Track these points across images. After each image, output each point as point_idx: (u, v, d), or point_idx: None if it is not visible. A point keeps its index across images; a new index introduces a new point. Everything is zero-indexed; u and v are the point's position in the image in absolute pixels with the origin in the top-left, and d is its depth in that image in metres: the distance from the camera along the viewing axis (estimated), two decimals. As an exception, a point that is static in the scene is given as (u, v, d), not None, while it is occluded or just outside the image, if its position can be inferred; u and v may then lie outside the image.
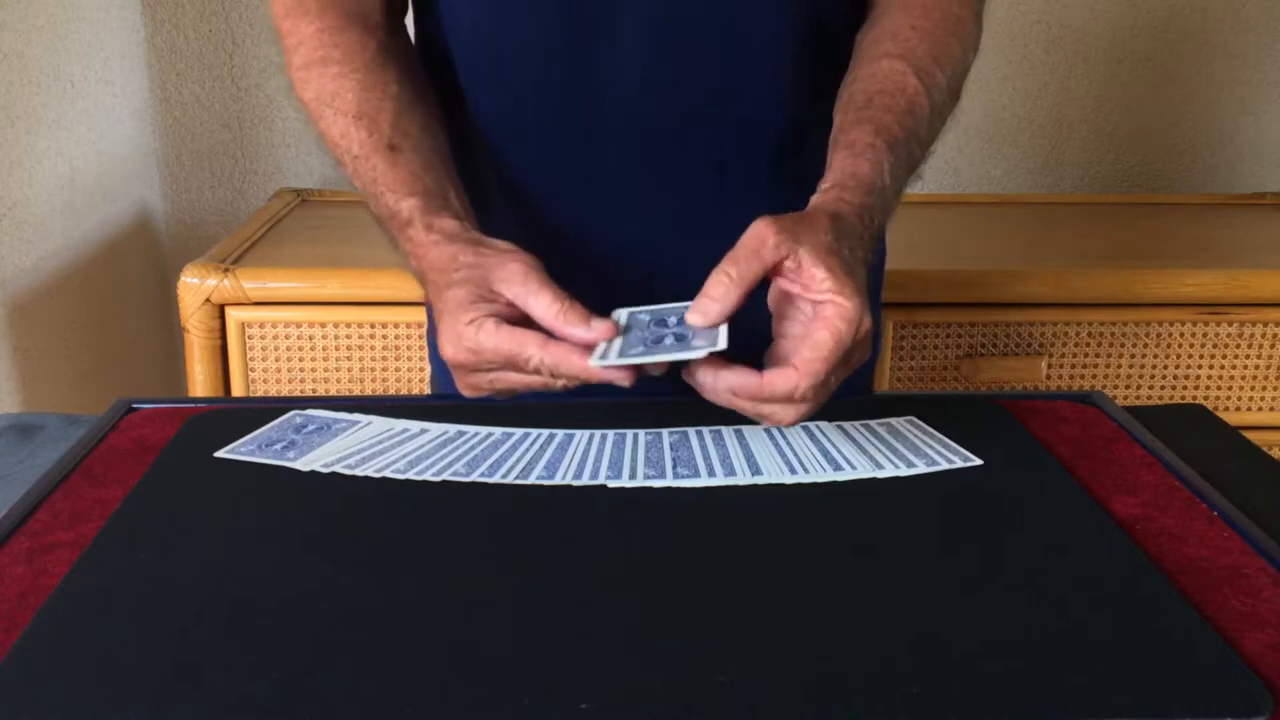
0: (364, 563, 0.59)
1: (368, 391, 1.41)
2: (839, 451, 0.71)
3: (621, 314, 0.66)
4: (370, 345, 1.40)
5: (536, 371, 0.61)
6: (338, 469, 0.69)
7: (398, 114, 0.73)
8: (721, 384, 0.61)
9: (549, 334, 0.62)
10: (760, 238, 0.61)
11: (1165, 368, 1.47)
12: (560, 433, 0.74)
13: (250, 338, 1.38)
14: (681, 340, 0.61)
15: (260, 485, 0.67)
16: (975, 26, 0.79)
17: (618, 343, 0.62)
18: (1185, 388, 1.48)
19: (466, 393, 0.65)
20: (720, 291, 0.60)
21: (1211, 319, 1.45)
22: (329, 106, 0.74)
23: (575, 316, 0.61)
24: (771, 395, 0.60)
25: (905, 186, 0.72)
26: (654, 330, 0.63)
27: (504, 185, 0.82)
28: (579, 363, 0.60)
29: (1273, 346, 1.46)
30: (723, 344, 0.60)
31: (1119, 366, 1.47)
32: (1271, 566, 0.59)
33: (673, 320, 0.64)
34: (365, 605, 0.54)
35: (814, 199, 0.67)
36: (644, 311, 0.66)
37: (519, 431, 0.74)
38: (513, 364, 0.61)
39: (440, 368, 0.91)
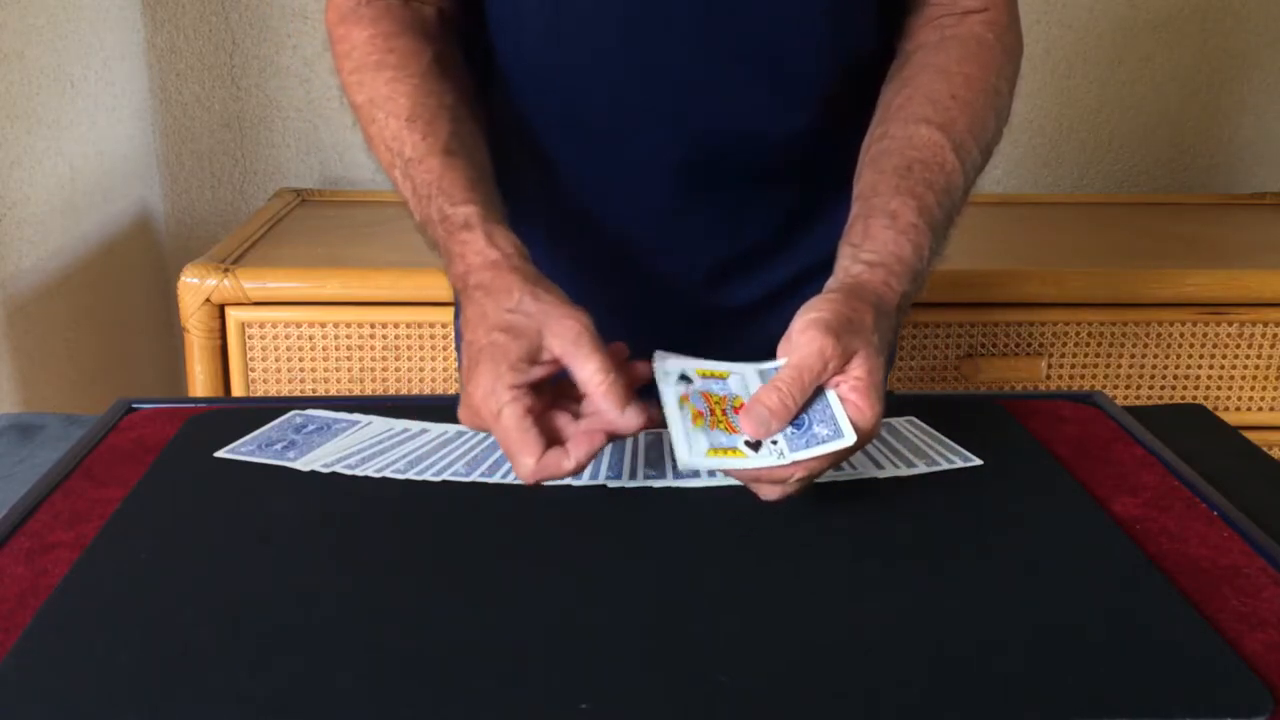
0: (364, 562, 0.59)
1: (368, 391, 1.41)
2: (839, 451, 0.71)
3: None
4: (370, 345, 1.40)
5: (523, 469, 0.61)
6: (338, 469, 0.69)
7: (453, 124, 0.72)
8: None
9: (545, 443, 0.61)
10: (821, 355, 0.60)
11: (1165, 368, 1.47)
12: (560, 433, 0.74)
13: (250, 338, 1.38)
14: (801, 428, 0.60)
15: (260, 485, 0.67)
16: (1009, 101, 0.79)
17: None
18: (1185, 388, 1.48)
19: (463, 422, 0.64)
20: (780, 409, 0.59)
21: (1211, 319, 1.45)
22: (381, 110, 0.73)
23: (615, 398, 0.59)
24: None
25: (933, 268, 0.72)
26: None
27: (543, 196, 0.83)
28: (562, 468, 0.60)
29: (1273, 346, 1.46)
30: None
31: (1119, 366, 1.47)
32: (1271, 566, 0.59)
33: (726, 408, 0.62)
34: (365, 605, 0.54)
35: (855, 268, 0.66)
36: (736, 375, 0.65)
37: (519, 431, 0.74)
38: (507, 452, 0.61)
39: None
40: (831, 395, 0.61)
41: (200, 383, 1.39)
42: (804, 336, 0.60)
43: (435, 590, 0.56)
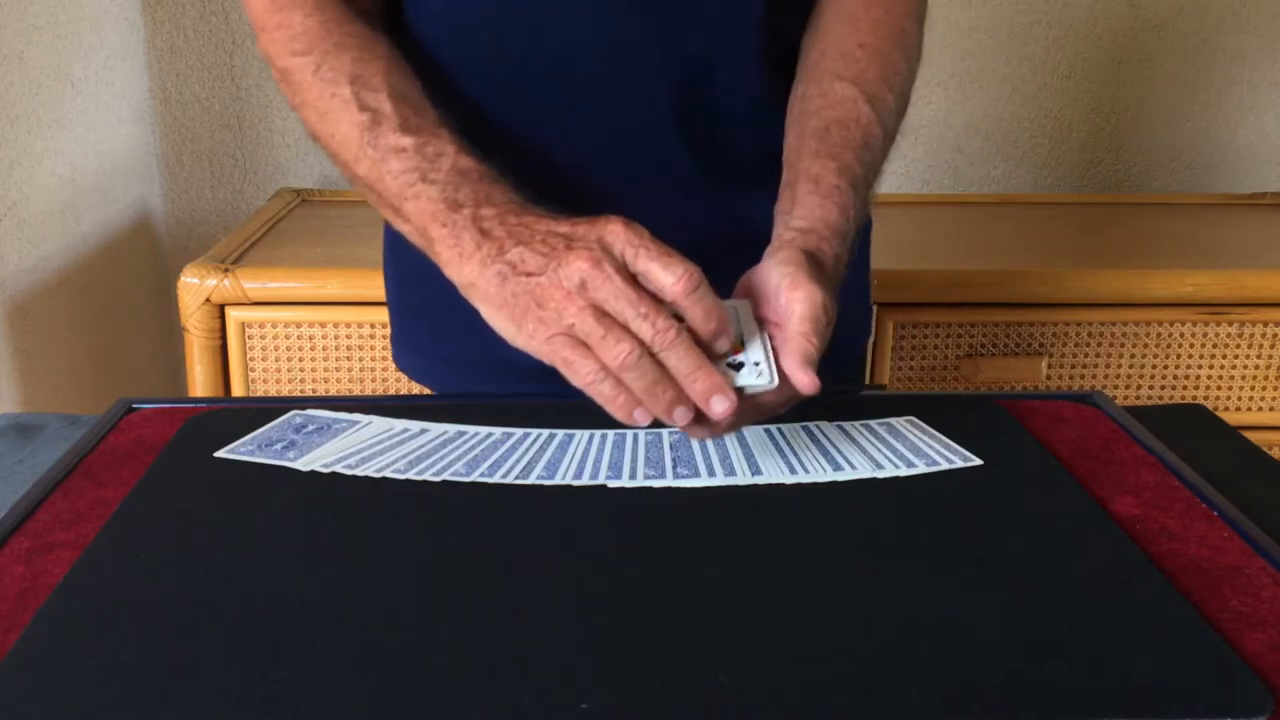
0: (364, 562, 0.59)
1: (368, 391, 1.41)
2: (839, 451, 0.71)
3: None
4: (370, 345, 1.40)
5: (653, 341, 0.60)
6: (338, 469, 0.69)
7: (433, 106, 0.72)
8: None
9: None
10: (824, 307, 0.63)
11: (1165, 368, 1.47)
12: (560, 433, 0.74)
13: (250, 338, 1.39)
14: (742, 368, 0.63)
15: (260, 485, 0.67)
16: (919, 37, 0.80)
17: None
18: (1185, 388, 1.48)
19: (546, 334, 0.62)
20: (816, 356, 0.62)
21: (1211, 319, 1.45)
22: (353, 85, 0.71)
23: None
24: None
25: (861, 222, 0.73)
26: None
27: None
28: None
29: (1273, 346, 1.46)
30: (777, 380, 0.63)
31: (1119, 366, 1.47)
32: (1271, 566, 0.59)
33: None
34: (365, 605, 0.54)
35: (787, 235, 0.68)
36: None
37: (519, 431, 0.74)
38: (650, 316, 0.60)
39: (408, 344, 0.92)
40: (758, 342, 0.64)
41: (200, 383, 1.39)
42: (800, 292, 0.63)
43: (435, 590, 0.56)
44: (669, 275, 0.60)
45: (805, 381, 0.61)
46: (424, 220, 0.67)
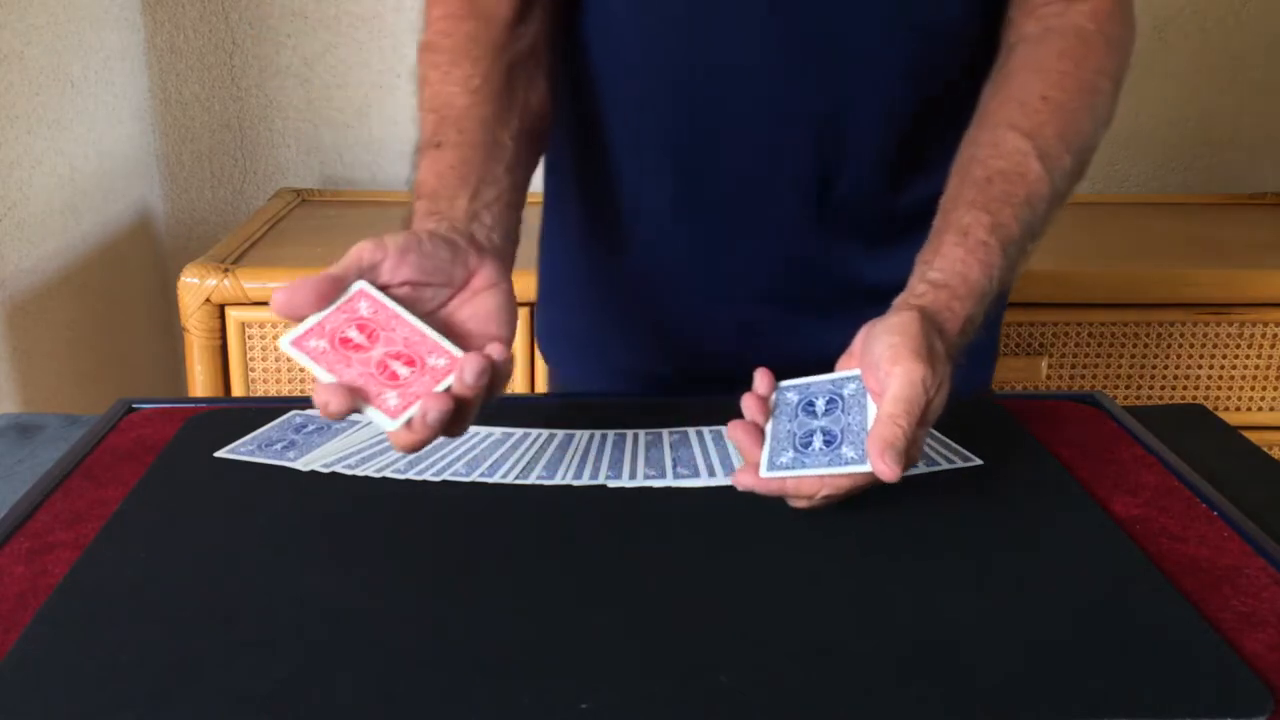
0: (363, 563, 0.59)
1: (368, 391, 1.41)
2: (839, 451, 0.71)
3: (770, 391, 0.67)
4: (370, 345, 1.40)
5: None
6: (338, 469, 0.69)
7: (466, 108, 0.71)
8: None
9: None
10: (923, 385, 0.59)
11: (1165, 368, 1.47)
12: (560, 433, 0.74)
13: (250, 338, 1.38)
14: (831, 444, 0.61)
15: (260, 485, 0.67)
16: (1111, 97, 0.74)
17: (768, 443, 0.63)
18: (1185, 388, 1.48)
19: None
20: (902, 442, 0.58)
21: (1211, 319, 1.45)
22: (420, 93, 0.74)
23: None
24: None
25: (1008, 284, 0.69)
26: (802, 421, 0.64)
27: (626, 181, 0.83)
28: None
29: (1273, 346, 1.46)
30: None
31: (1119, 366, 1.47)
32: (1271, 566, 0.59)
33: (820, 404, 0.64)
34: (365, 605, 0.54)
35: (920, 288, 0.65)
36: (791, 389, 0.66)
37: (519, 431, 0.74)
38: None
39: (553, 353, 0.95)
40: (871, 418, 0.61)
41: (200, 383, 1.39)
42: (899, 367, 0.59)
43: (435, 590, 0.56)
44: None
45: (883, 470, 0.57)
46: None
